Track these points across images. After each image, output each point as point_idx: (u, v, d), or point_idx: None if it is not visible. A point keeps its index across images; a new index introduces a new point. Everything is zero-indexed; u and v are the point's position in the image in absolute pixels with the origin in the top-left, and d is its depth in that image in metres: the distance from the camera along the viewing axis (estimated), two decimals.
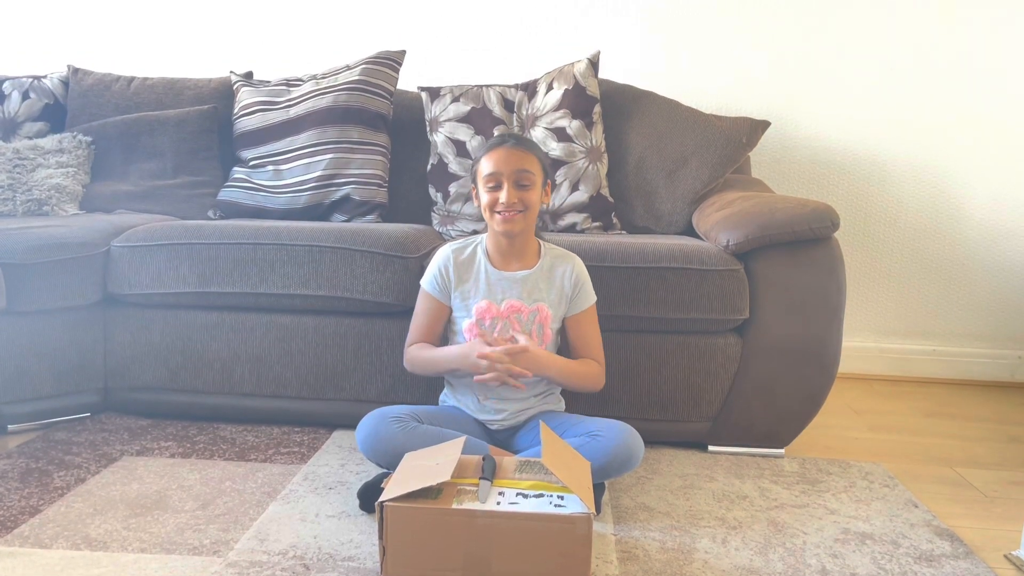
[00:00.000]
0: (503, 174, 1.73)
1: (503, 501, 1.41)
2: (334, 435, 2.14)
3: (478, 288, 1.80)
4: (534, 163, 1.76)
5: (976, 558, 1.58)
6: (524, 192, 1.73)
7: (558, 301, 1.82)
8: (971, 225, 2.97)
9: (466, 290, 1.81)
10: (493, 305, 1.78)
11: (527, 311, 1.79)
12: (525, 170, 1.74)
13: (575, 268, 1.84)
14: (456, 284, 1.81)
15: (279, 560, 1.48)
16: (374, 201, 2.58)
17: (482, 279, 1.81)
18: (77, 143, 2.68)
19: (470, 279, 1.81)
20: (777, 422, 2.08)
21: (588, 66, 2.60)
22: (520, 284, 1.80)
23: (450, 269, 1.82)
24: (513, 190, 1.72)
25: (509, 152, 1.75)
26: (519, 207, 1.73)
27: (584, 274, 1.85)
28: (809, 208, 2.00)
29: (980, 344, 3.03)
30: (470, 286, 1.81)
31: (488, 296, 1.79)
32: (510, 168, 1.73)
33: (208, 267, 2.12)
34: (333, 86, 2.64)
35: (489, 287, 1.80)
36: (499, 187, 1.73)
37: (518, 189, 1.73)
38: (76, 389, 2.18)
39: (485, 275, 1.81)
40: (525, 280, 1.80)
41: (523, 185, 1.73)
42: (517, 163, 1.74)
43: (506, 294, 1.79)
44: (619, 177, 2.61)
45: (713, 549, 1.58)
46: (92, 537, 1.55)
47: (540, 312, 1.80)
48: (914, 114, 2.94)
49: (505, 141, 1.78)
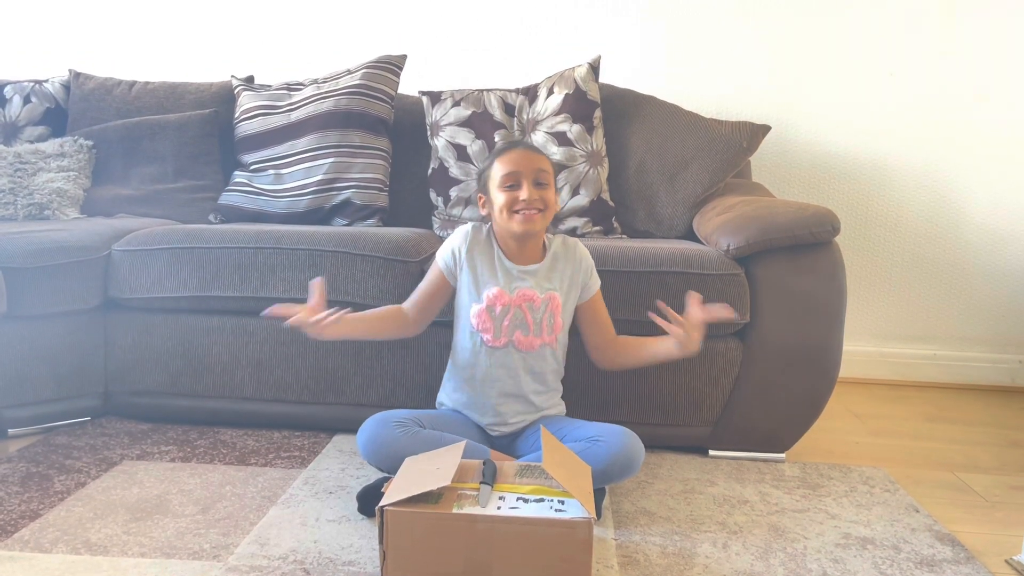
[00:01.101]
0: (522, 173, 1.73)
1: (504, 506, 1.41)
2: (335, 439, 2.14)
3: (495, 276, 1.79)
4: (548, 164, 1.78)
5: (977, 563, 1.58)
6: (543, 191, 1.74)
7: (570, 287, 1.83)
8: (971, 229, 2.97)
9: (480, 274, 1.80)
10: (505, 293, 1.77)
11: (539, 300, 1.78)
12: (543, 169, 1.75)
13: (582, 256, 1.86)
14: (470, 266, 1.80)
15: (279, 565, 1.48)
16: (375, 205, 2.58)
17: (497, 267, 1.80)
18: (78, 147, 2.69)
19: (487, 264, 1.81)
20: (778, 427, 2.07)
21: (589, 70, 2.60)
22: (533, 276, 1.80)
23: (466, 248, 1.81)
24: (532, 188, 1.73)
25: (525, 153, 1.76)
26: (539, 205, 1.73)
27: (589, 259, 1.87)
28: (810, 212, 2.00)
29: (981, 348, 3.03)
30: (486, 270, 1.80)
31: (503, 284, 1.78)
32: (529, 167, 1.74)
33: (209, 271, 2.12)
34: (334, 90, 2.64)
35: (505, 276, 1.79)
36: (518, 186, 1.73)
37: (537, 188, 1.73)
38: (77, 393, 2.18)
39: (500, 263, 1.81)
40: (537, 272, 1.81)
41: (541, 184, 1.74)
42: (535, 163, 1.75)
43: (519, 283, 1.79)
44: (620, 181, 2.61)
45: (714, 554, 1.58)
46: (92, 541, 1.55)
47: (552, 300, 1.79)
48: (914, 119, 2.94)
49: (517, 144, 1.80)
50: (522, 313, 1.78)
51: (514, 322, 1.77)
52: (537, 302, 1.78)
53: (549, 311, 1.79)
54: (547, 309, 1.79)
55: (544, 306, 1.79)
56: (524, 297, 1.77)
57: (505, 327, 1.77)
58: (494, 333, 1.77)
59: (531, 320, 1.78)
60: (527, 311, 1.78)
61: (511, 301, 1.77)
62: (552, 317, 1.80)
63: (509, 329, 1.77)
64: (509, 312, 1.77)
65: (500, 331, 1.77)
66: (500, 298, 1.77)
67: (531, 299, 1.78)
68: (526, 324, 1.78)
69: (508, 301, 1.77)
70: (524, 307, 1.78)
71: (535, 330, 1.78)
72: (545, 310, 1.79)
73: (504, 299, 1.77)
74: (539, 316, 1.78)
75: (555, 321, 1.80)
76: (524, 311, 1.78)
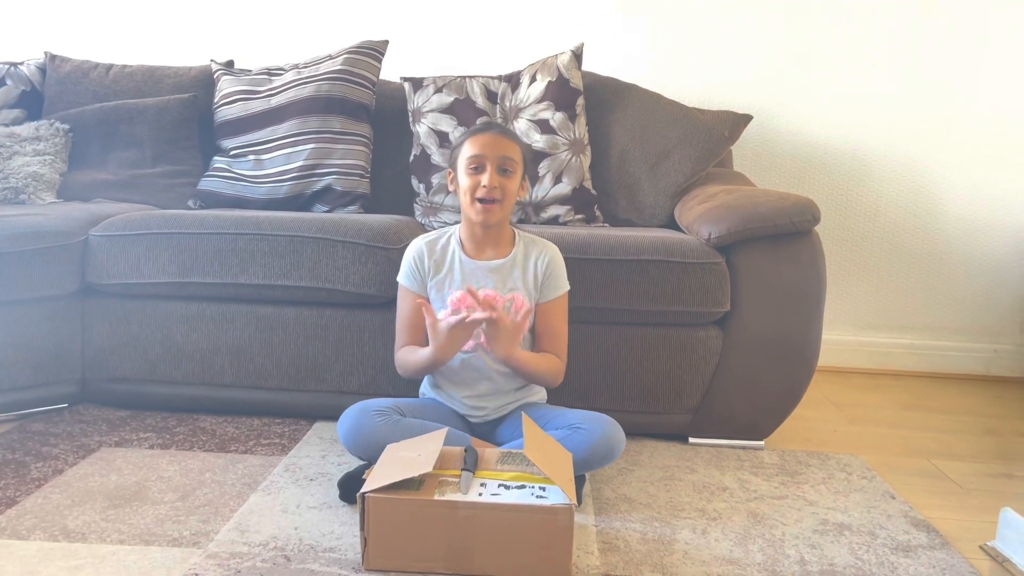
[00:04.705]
0: (487, 157, 1.72)
1: (485, 492, 1.41)
2: (315, 426, 2.14)
3: (453, 278, 1.79)
4: (517, 152, 1.76)
5: (952, 549, 1.60)
6: (505, 179, 1.73)
7: (532, 288, 1.80)
8: (948, 220, 3.00)
9: (441, 280, 1.80)
10: (467, 296, 1.75)
11: (502, 300, 1.76)
12: (509, 157, 1.74)
13: (549, 254, 1.82)
14: (432, 274, 1.80)
15: (260, 551, 1.48)
16: (356, 192, 2.57)
17: (456, 269, 1.80)
18: (55, 131, 2.65)
19: (444, 269, 1.80)
20: (757, 414, 2.09)
21: (572, 58, 2.60)
22: (495, 273, 1.79)
23: (424, 259, 1.81)
24: (495, 175, 1.71)
25: (495, 137, 1.75)
26: (498, 195, 1.72)
27: (558, 262, 1.83)
28: (790, 202, 2.01)
29: (957, 338, 3.06)
30: (444, 276, 1.80)
31: (463, 286, 1.76)
32: (495, 153, 1.72)
33: (188, 257, 2.10)
34: (315, 76, 2.62)
35: (464, 277, 1.78)
36: (481, 169, 1.73)
37: (500, 175, 1.72)
38: (54, 380, 2.15)
39: (459, 264, 1.80)
40: (499, 269, 1.79)
41: (505, 171, 1.73)
42: (502, 149, 1.73)
43: (480, 283, 1.78)
44: (602, 170, 2.61)
45: (693, 540, 1.59)
46: (70, 528, 1.54)
47: (515, 301, 1.78)
48: (894, 110, 2.96)
49: (491, 127, 1.79)
50: None
51: None
52: (500, 303, 1.74)
53: (513, 311, 1.76)
54: (511, 310, 1.76)
55: (507, 306, 1.77)
56: (486, 299, 1.69)
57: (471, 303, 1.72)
58: None
59: None
60: None
61: (473, 304, 1.70)
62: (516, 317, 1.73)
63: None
64: None
65: None
66: (464, 301, 1.74)
67: (493, 300, 1.72)
68: None
69: (470, 304, 1.70)
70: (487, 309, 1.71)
71: None
72: (508, 311, 1.75)
73: (468, 301, 1.71)
74: None
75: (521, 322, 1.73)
76: None
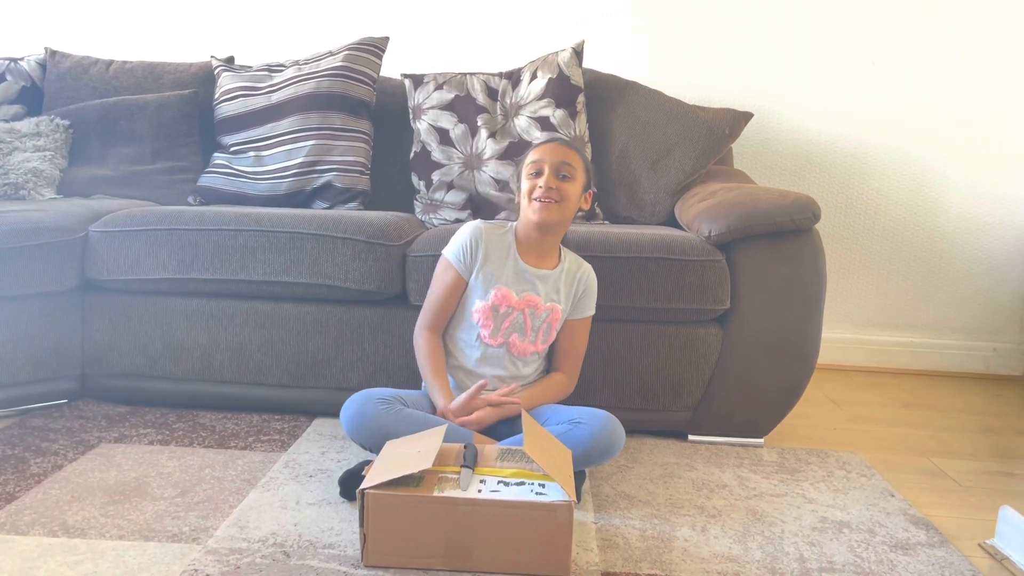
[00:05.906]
0: (545, 161, 1.78)
1: (484, 489, 1.41)
2: (315, 423, 2.14)
3: (504, 274, 1.81)
4: (577, 160, 1.82)
5: (951, 546, 1.60)
6: (564, 183, 1.77)
7: (568, 304, 1.86)
8: (949, 218, 3.00)
9: (490, 272, 1.81)
10: (512, 295, 1.79)
11: (542, 308, 1.81)
12: (567, 163, 1.79)
13: (590, 275, 1.89)
14: (483, 262, 1.81)
15: (259, 547, 1.48)
16: (356, 188, 2.57)
17: (510, 266, 1.82)
18: (55, 127, 2.65)
19: (497, 261, 1.82)
20: (757, 412, 2.09)
21: (572, 55, 2.60)
22: (542, 281, 1.82)
23: (481, 244, 1.82)
24: (553, 177, 1.76)
25: (555, 145, 1.82)
26: (555, 195, 1.76)
27: (595, 285, 1.89)
28: (791, 199, 2.01)
29: (956, 336, 3.06)
30: (497, 268, 1.81)
31: (512, 285, 1.80)
32: (553, 158, 1.78)
33: (188, 253, 2.10)
34: (315, 72, 2.62)
35: (515, 277, 1.81)
36: (540, 174, 1.77)
37: (558, 179, 1.77)
38: (53, 375, 2.16)
39: (514, 263, 1.82)
40: (547, 278, 1.83)
41: (563, 176, 1.78)
42: (561, 155, 1.79)
43: (528, 288, 1.81)
44: (602, 167, 2.61)
45: (692, 537, 1.60)
46: (70, 524, 1.54)
47: (553, 312, 1.83)
48: (895, 109, 2.96)
49: (555, 138, 1.88)
50: (523, 318, 1.80)
51: (514, 324, 1.80)
52: (540, 309, 1.81)
53: (547, 322, 1.82)
54: (547, 319, 1.82)
55: (545, 315, 1.82)
56: (528, 302, 1.80)
57: (504, 328, 1.79)
58: (492, 331, 1.79)
59: (530, 326, 1.80)
60: (528, 316, 1.80)
61: (515, 304, 1.80)
62: (549, 328, 1.83)
63: (508, 331, 1.80)
64: (511, 315, 1.79)
65: (499, 330, 1.79)
66: (506, 298, 1.79)
67: (534, 305, 1.80)
68: (524, 329, 1.80)
69: (513, 303, 1.79)
70: (526, 312, 1.80)
71: (531, 337, 1.81)
72: (545, 320, 1.82)
73: (510, 300, 1.79)
74: (538, 324, 1.81)
75: (551, 333, 1.84)
76: (526, 316, 1.80)
